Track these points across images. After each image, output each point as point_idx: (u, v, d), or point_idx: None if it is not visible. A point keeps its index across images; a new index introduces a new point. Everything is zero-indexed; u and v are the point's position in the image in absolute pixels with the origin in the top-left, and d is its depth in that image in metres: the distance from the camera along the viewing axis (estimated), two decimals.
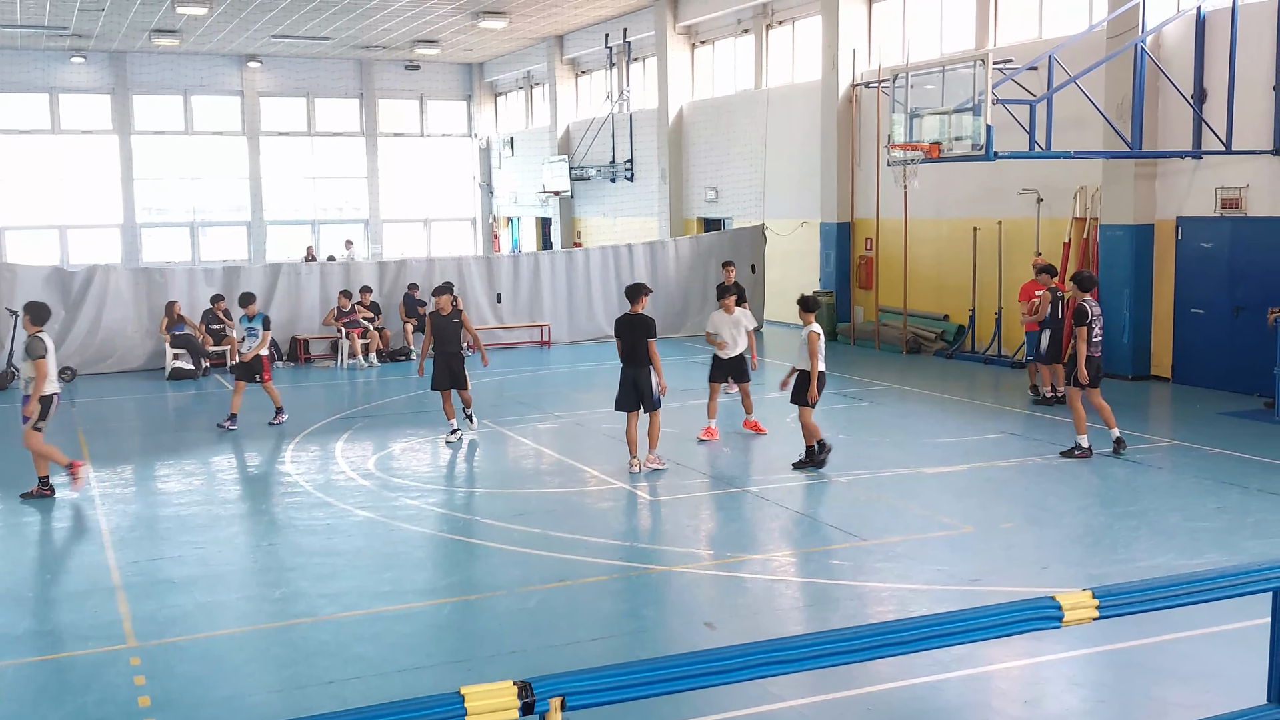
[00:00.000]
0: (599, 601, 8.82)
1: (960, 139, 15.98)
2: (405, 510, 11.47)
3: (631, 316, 12.69)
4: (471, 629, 8.33)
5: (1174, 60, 17.36)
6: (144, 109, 38.79)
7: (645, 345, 12.54)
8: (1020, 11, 20.77)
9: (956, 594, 8.69)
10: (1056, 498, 11.47)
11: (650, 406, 12.69)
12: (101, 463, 13.80)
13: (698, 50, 30.81)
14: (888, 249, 23.37)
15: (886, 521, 10.75)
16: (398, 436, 15.17)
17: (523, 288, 24.51)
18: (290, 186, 40.93)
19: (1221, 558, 9.31)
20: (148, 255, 38.40)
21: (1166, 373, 17.96)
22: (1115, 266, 18.17)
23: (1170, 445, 13.77)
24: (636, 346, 12.59)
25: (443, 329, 14.65)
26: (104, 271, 21.92)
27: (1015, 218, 20.31)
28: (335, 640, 8.05)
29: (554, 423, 16.03)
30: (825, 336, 13.07)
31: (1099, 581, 7.81)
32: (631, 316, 12.69)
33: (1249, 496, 11.31)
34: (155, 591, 9.13)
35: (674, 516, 11.35)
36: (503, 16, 31.33)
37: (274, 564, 9.88)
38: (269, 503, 11.98)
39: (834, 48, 24.03)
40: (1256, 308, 16.27)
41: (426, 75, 41.96)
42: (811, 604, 8.78)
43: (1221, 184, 16.95)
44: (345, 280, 23.02)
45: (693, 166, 30.66)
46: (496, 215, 43.74)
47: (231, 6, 29.41)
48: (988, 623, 5.27)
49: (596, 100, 35.96)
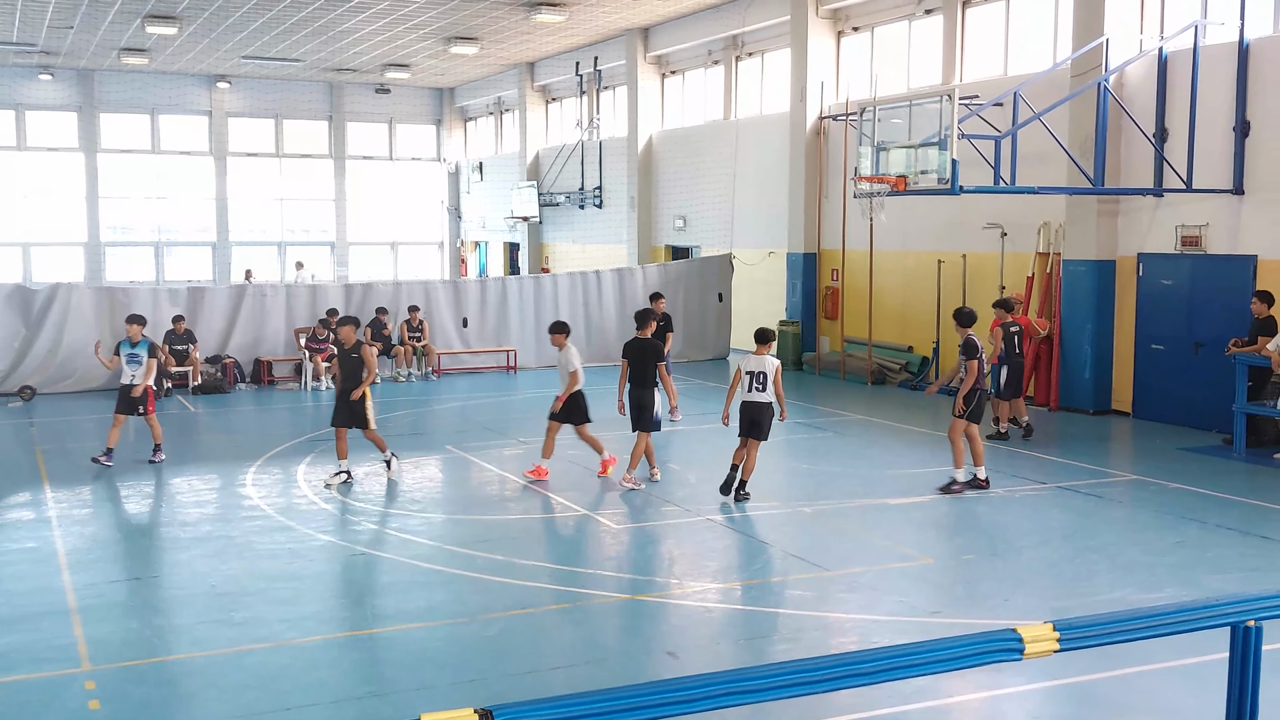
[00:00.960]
0: (561, 629, 8.78)
1: (926, 172, 16.12)
2: (367, 535, 11.39)
3: (641, 341, 13.46)
4: (433, 655, 8.27)
5: (1136, 99, 17.62)
6: (111, 127, 38.59)
7: (653, 368, 13.33)
8: (986, 48, 21.04)
9: (918, 625, 8.72)
10: (1018, 530, 11.53)
11: (645, 426, 13.27)
12: (60, 483, 13.63)
13: (668, 80, 30.99)
14: (853, 280, 23.51)
15: (849, 552, 10.77)
16: (361, 461, 15.07)
17: (490, 312, 24.48)
18: (257, 207, 40.77)
19: (1181, 592, 9.38)
20: (111, 274, 38.11)
21: (1127, 407, 18.13)
22: (1078, 301, 18.36)
23: (1130, 480, 13.89)
24: (645, 370, 13.32)
25: (343, 363, 13.69)
26: (66, 290, 21.71)
27: (980, 251, 20.49)
28: (294, 666, 7.97)
29: (519, 448, 15.98)
30: (790, 366, 13.06)
31: (1060, 614, 7.84)
32: (641, 341, 13.46)
33: (1208, 532, 11.42)
34: (112, 614, 9.01)
35: (638, 544, 11.34)
36: (474, 42, 31.41)
37: (233, 588, 9.78)
38: (229, 526, 11.86)
39: (802, 80, 24.24)
40: (1216, 344, 16.47)
41: (396, 99, 41.98)
42: (774, 634, 8.78)
43: (1182, 222, 17.18)
44: (311, 302, 22.92)
45: (661, 195, 30.78)
46: (464, 240, 43.72)
47: (202, 26, 29.33)
48: (949, 654, 5.28)
49: (567, 127, 36.06)
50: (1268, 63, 16.05)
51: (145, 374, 14.43)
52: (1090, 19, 17.70)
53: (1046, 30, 19.76)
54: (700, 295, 25.72)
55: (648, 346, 13.43)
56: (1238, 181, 16.38)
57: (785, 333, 24.51)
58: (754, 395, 12.54)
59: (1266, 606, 5.71)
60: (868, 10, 23.44)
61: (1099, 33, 17.44)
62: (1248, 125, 16.26)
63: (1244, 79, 16.23)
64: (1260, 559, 10.56)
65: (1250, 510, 12.28)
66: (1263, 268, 16.11)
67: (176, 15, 27.76)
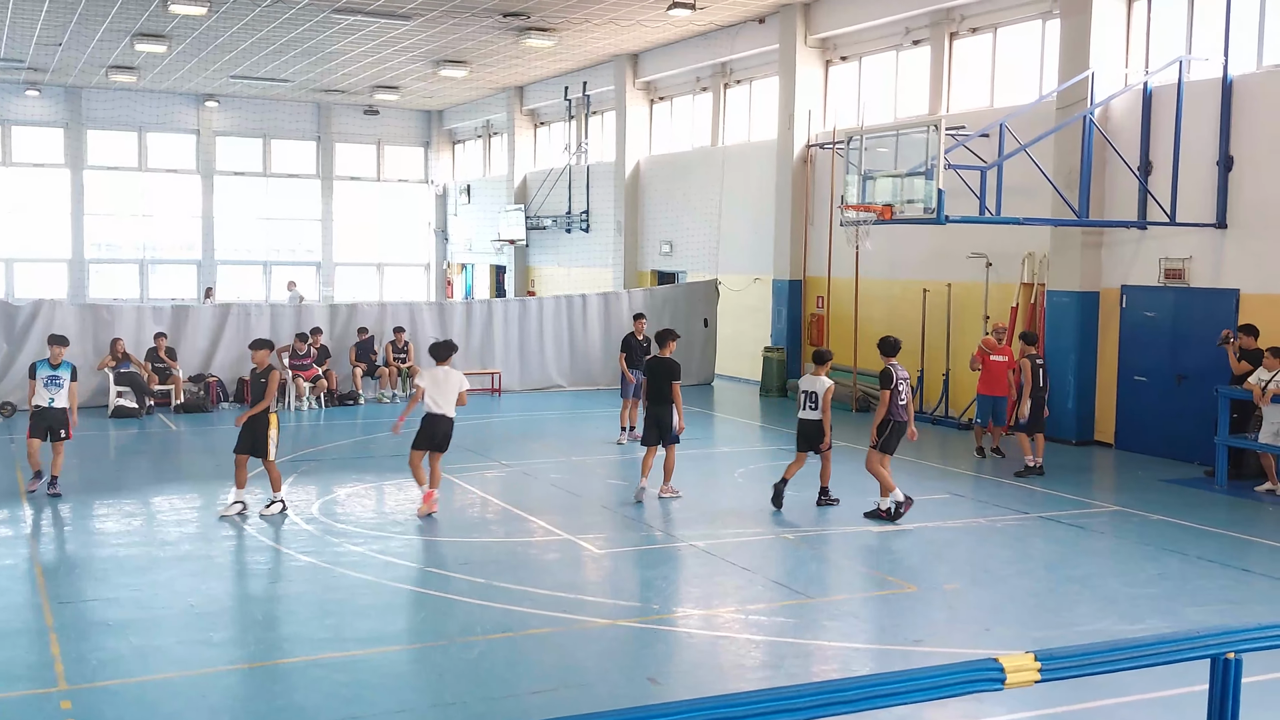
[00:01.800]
0: (542, 653, 8.75)
1: (912, 202, 16.19)
2: (348, 556, 11.34)
3: (662, 359, 14.10)
4: (412, 678, 8.22)
5: (1121, 133, 17.75)
6: (97, 144, 38.53)
7: (670, 387, 13.84)
8: (973, 80, 21.18)
9: (899, 654, 8.71)
10: (999, 560, 11.55)
11: (669, 441, 13.96)
12: (38, 500, 13.54)
13: (656, 106, 31.11)
14: (839, 307, 23.58)
15: (831, 580, 10.76)
16: (343, 481, 15.02)
17: (475, 334, 24.47)
18: (243, 226, 40.69)
19: (1161, 624, 9.40)
20: (95, 291, 37.97)
21: (1110, 438, 18.19)
22: (1062, 332, 18.45)
23: (1112, 511, 13.92)
24: (663, 387, 13.91)
25: (253, 386, 13.11)
26: (50, 306, 21.63)
27: (965, 281, 20.58)
28: (272, 688, 7.91)
29: (501, 471, 15.95)
30: (774, 392, 13.13)
31: (1041, 644, 7.85)
32: (662, 359, 14.10)
33: (1189, 564, 11.45)
34: (89, 634, 8.94)
35: (619, 569, 11.30)
36: (464, 65, 31.49)
37: (212, 608, 9.72)
38: (209, 545, 11.79)
39: (790, 108, 24.37)
40: (1198, 377, 16.56)
41: (385, 120, 42.01)
42: (755, 661, 8.75)
43: (1165, 254, 17.29)
44: (296, 323, 22.88)
45: (648, 220, 30.85)
46: (451, 261, 43.72)
47: (191, 45, 29.35)
48: (930, 683, 5.28)
49: (555, 151, 36.15)
50: (1251, 99, 16.20)
51: (70, 398, 13.50)
52: (1076, 53, 17.85)
53: (1033, 63, 19.91)
54: (686, 321, 25.74)
55: (668, 365, 13.99)
56: (1221, 215, 16.50)
57: (770, 359, 24.55)
58: (805, 413, 13.22)
59: (1246, 639, 5.73)
60: (856, 40, 23.59)
61: (1085, 66, 17.59)
62: (1231, 160, 16.39)
63: (1228, 114, 16.38)
64: (1240, 591, 10.59)
65: (1231, 543, 12.31)
66: (1245, 302, 16.21)
67: (165, 34, 27.78)
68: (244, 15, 25.49)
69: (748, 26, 25.68)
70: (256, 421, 12.88)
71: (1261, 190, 16.05)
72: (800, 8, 23.89)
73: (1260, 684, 7.51)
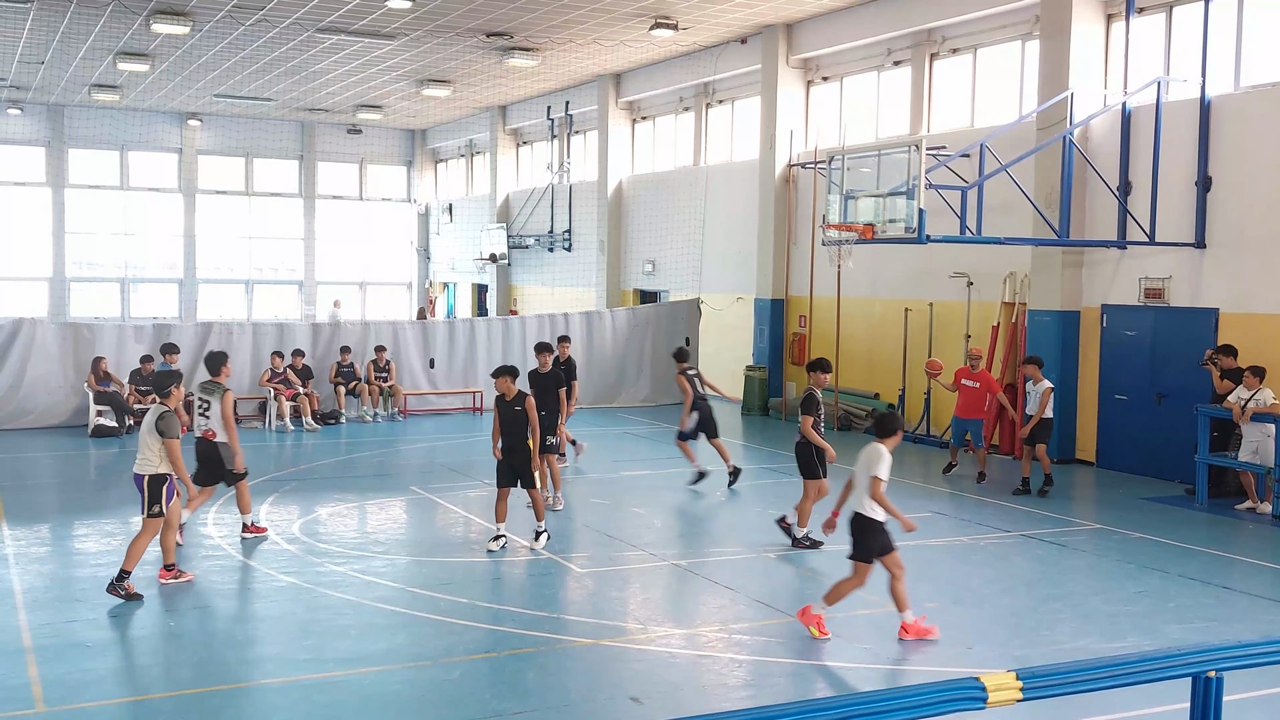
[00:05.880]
0: (524, 673, 8.72)
1: (894, 221, 16.26)
2: (330, 576, 11.29)
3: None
4: (393, 699, 8.18)
5: (1101, 153, 17.88)
6: (79, 163, 38.41)
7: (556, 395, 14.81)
8: (953, 100, 21.31)
9: (881, 673, 8.71)
10: (981, 579, 11.56)
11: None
12: (17, 521, 13.45)
13: (639, 125, 31.20)
14: (821, 326, 23.63)
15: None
16: (325, 501, 14.96)
17: (457, 353, 24.43)
18: (225, 245, 40.59)
19: (1142, 641, 9.42)
20: (76, 310, 37.80)
21: (1091, 457, 18.26)
22: (1043, 351, 18.47)
23: (1093, 529, 13.96)
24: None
25: (506, 416, 12.34)
26: (30, 325, 21.52)
27: (946, 300, 20.66)
28: (252, 709, 7.86)
29: (484, 490, 15.90)
30: (756, 411, 13.06)
31: (1022, 663, 7.86)
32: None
33: (1169, 581, 11.48)
34: (67, 655, 8.87)
35: (602, 589, 11.28)
36: (447, 85, 31.54)
37: (191, 629, 9.66)
38: (190, 565, 11.72)
39: (772, 128, 24.47)
40: (1178, 395, 16.64)
41: (368, 139, 42.00)
42: (737, 680, 8.74)
43: (1145, 274, 17.40)
44: (279, 341, 22.80)
45: (631, 239, 30.90)
46: (433, 280, 43.68)
47: (174, 64, 29.32)
48: (912, 702, 5.28)
49: (537, 170, 36.20)
50: (1228, 119, 16.34)
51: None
52: (1056, 73, 17.98)
53: (1013, 84, 20.05)
54: (668, 339, 25.74)
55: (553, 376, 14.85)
56: (1200, 235, 16.62)
57: (752, 378, 24.58)
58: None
59: (1227, 657, 5.76)
60: (837, 61, 23.72)
61: (1064, 87, 17.72)
62: (1209, 180, 16.52)
63: (1206, 135, 16.51)
64: (1221, 609, 10.62)
65: (1211, 560, 12.36)
66: (1224, 321, 16.31)
67: (148, 53, 27.74)
68: (227, 34, 25.48)
69: (730, 47, 25.79)
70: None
71: (1240, 210, 16.17)
72: (782, 28, 24.01)
73: (1241, 702, 7.54)
